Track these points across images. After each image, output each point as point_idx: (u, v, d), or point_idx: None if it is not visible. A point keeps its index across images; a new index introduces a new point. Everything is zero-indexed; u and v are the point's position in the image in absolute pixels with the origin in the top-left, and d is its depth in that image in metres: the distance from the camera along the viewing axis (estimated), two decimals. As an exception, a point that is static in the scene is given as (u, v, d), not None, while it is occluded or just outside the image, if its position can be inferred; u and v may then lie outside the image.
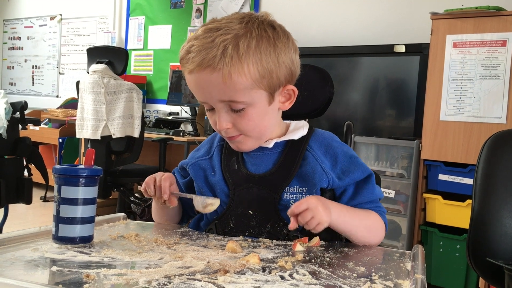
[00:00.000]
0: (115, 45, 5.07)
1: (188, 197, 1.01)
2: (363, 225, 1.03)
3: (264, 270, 0.77)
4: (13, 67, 6.33)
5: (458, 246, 2.68)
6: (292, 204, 1.02)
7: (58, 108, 5.10)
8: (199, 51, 0.93)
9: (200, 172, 1.11)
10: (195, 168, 1.11)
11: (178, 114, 4.54)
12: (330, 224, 0.97)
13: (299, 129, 1.09)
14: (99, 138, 3.22)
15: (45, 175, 2.95)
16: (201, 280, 0.71)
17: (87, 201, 0.89)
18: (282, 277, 0.75)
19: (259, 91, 0.97)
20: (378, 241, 1.06)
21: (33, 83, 6.09)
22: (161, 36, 4.82)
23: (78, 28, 5.60)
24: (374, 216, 1.06)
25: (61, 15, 5.76)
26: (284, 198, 1.03)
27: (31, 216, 4.13)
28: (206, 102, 0.99)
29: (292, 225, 0.93)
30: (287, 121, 1.12)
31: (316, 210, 0.93)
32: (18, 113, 2.80)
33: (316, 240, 0.97)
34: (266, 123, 1.03)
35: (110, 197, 3.72)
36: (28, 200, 2.82)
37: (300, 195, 1.03)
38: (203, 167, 1.11)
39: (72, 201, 0.88)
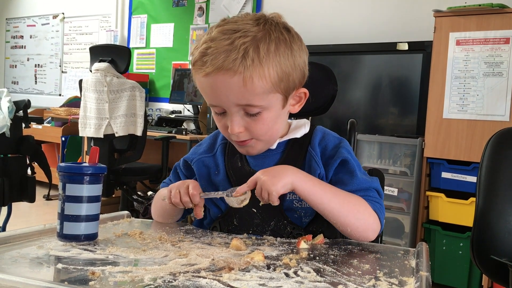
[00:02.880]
0: (117, 43, 5.08)
1: (218, 196, 1.00)
2: (339, 202, 0.97)
3: (268, 268, 0.78)
4: (16, 66, 6.34)
5: (461, 244, 2.67)
6: (295, 205, 1.03)
7: (61, 106, 5.11)
8: (218, 54, 0.90)
9: (204, 169, 1.10)
10: (199, 165, 1.11)
11: (180, 112, 4.54)
12: (296, 191, 0.95)
13: (300, 127, 1.09)
14: (102, 136, 3.22)
15: (48, 174, 2.96)
16: (206, 278, 0.71)
17: (92, 199, 0.90)
18: (287, 274, 0.75)
19: (276, 95, 0.96)
20: (367, 228, 0.98)
21: (35, 81, 6.10)
22: (164, 34, 4.82)
23: (80, 26, 5.61)
24: (358, 199, 0.99)
25: (63, 13, 5.77)
26: (287, 198, 1.03)
27: (34, 215, 4.14)
28: (220, 105, 0.96)
29: (240, 191, 0.95)
30: (289, 120, 1.12)
31: (262, 182, 0.93)
32: (21, 111, 2.81)
33: (320, 237, 0.97)
34: (278, 127, 1.03)
35: (113, 196, 3.73)
36: (31, 199, 2.83)
37: None
38: (207, 165, 1.11)
39: (77, 199, 0.88)
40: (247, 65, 0.90)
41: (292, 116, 1.13)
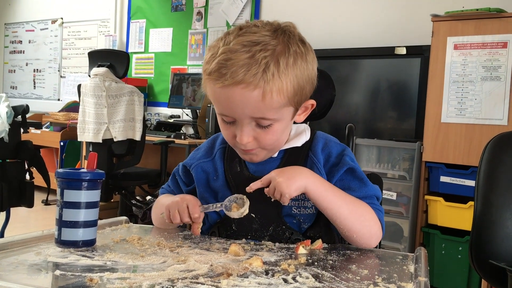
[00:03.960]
0: (116, 48, 5.08)
1: (218, 210, 0.99)
2: (348, 208, 0.98)
3: (267, 273, 0.77)
4: (14, 71, 6.34)
5: (460, 248, 2.67)
6: (294, 211, 1.03)
7: (60, 111, 5.10)
8: (240, 67, 0.89)
9: (203, 175, 1.10)
10: (198, 171, 1.11)
11: (179, 117, 4.54)
12: (308, 194, 0.96)
13: (300, 134, 1.09)
14: (101, 141, 3.22)
15: (46, 179, 2.96)
16: (204, 284, 0.71)
17: (90, 205, 0.89)
18: (285, 280, 0.74)
19: (289, 108, 0.97)
20: (372, 236, 0.99)
21: (34, 86, 6.10)
22: (162, 39, 4.83)
23: (79, 31, 5.61)
24: (366, 206, 1.01)
25: (62, 18, 5.77)
26: (287, 205, 1.03)
27: (32, 220, 4.13)
28: (232, 116, 0.96)
29: (253, 186, 0.96)
30: None
31: (276, 182, 0.94)
32: (19, 116, 2.81)
33: (318, 243, 0.97)
34: (284, 137, 1.04)
35: (112, 200, 3.72)
36: (30, 204, 2.82)
37: (302, 201, 1.02)
38: (206, 170, 1.10)
39: (75, 205, 0.88)
40: (267, 79, 0.90)
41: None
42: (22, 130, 2.86)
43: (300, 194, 0.98)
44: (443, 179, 2.73)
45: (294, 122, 1.08)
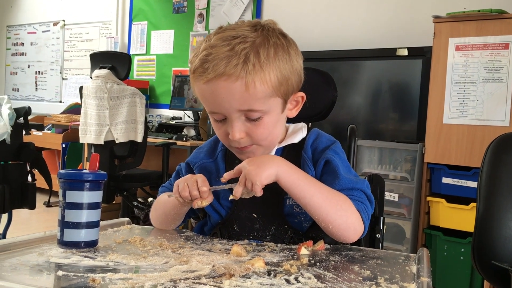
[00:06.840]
0: (118, 50, 5.09)
1: (227, 188, 0.99)
2: (322, 197, 0.95)
3: (269, 274, 0.77)
4: (16, 73, 6.36)
5: (462, 250, 2.67)
6: (295, 210, 1.03)
7: (62, 113, 5.11)
8: (220, 60, 0.91)
9: (206, 175, 1.10)
10: (201, 170, 1.11)
11: (181, 118, 4.55)
12: (280, 182, 0.94)
13: (297, 131, 1.09)
14: (103, 143, 3.22)
15: (48, 180, 2.96)
16: (206, 284, 0.71)
17: (92, 206, 0.90)
18: (288, 281, 0.74)
19: (276, 99, 0.97)
20: (348, 226, 0.96)
21: (36, 88, 6.11)
22: (164, 41, 4.84)
23: (81, 33, 5.63)
24: (342, 196, 0.98)
25: (64, 20, 5.79)
26: (287, 204, 1.03)
27: (34, 221, 4.14)
28: (221, 112, 0.97)
29: (226, 176, 0.96)
30: (286, 124, 1.12)
31: (246, 171, 0.93)
32: (21, 118, 2.81)
33: (320, 243, 0.97)
34: (278, 131, 1.04)
35: (114, 202, 3.73)
36: (31, 205, 2.83)
37: None
38: (209, 170, 1.11)
39: (77, 206, 0.88)
40: (249, 70, 0.91)
41: (289, 120, 1.13)
42: (24, 132, 2.86)
43: None
44: (445, 180, 2.73)
45: (288, 119, 1.08)
